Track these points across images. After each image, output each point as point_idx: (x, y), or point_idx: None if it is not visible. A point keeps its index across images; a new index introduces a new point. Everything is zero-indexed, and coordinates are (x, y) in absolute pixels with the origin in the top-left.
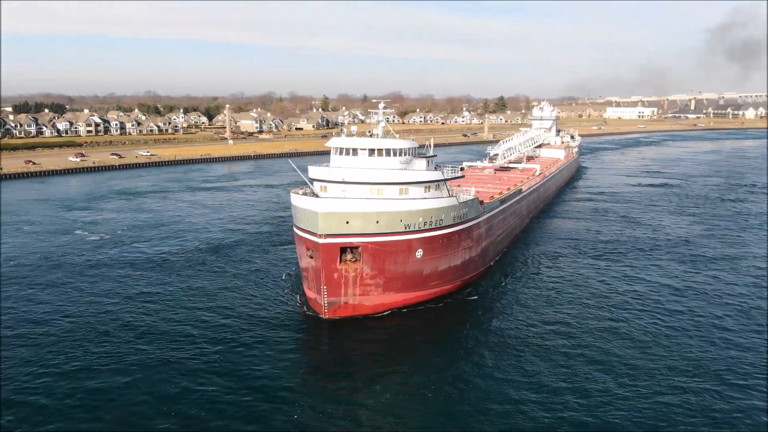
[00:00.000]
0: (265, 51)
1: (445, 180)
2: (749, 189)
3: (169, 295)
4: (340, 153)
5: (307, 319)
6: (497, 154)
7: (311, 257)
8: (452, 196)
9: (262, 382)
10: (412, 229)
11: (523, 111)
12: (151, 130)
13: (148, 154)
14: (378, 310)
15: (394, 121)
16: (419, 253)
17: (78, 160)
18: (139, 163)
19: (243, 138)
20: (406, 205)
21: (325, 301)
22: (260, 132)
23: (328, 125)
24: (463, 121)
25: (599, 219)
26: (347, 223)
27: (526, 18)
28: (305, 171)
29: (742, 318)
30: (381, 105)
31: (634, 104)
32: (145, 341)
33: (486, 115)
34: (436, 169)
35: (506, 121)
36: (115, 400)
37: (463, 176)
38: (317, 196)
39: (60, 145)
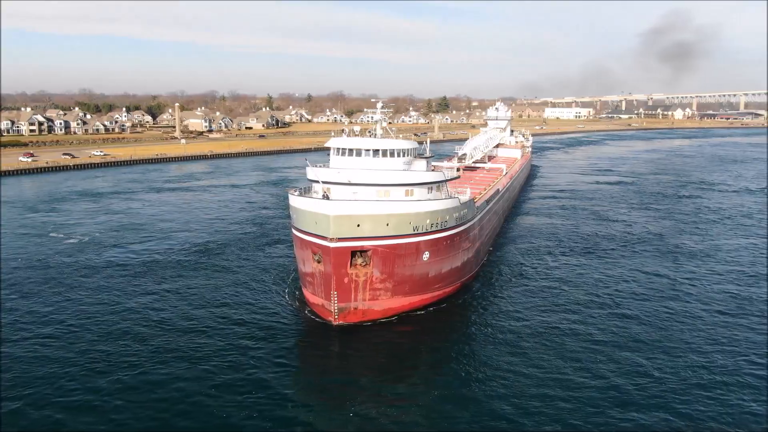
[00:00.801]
0: (201, 49)
1: (446, 181)
2: (698, 186)
3: (171, 300)
4: (342, 153)
5: (317, 327)
6: (465, 154)
7: (319, 262)
8: (454, 197)
9: (292, 397)
10: (419, 231)
11: (468, 111)
12: (97, 130)
13: (102, 154)
14: (387, 314)
15: (341, 120)
16: (426, 256)
17: (29, 160)
18: (94, 164)
19: (193, 137)
20: (414, 207)
21: (336, 307)
22: (210, 131)
23: (277, 124)
24: (410, 121)
25: (571, 216)
26: (358, 226)
27: (465, 19)
28: (269, 171)
29: (745, 304)
30: (379, 105)
31: (569, 105)
32: (156, 350)
33: (431, 115)
34: (434, 169)
35: (452, 121)
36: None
37: (459, 177)
38: (328, 198)
39: (4, 145)
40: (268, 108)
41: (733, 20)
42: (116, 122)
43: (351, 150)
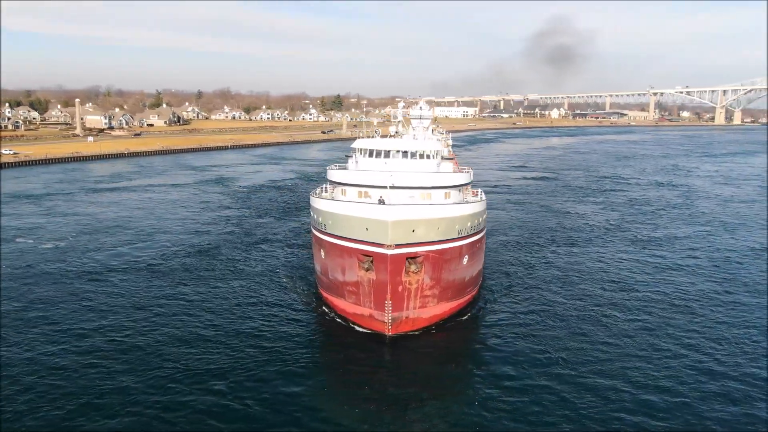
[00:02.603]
0: (65, 41)
1: (471, 183)
2: (615, 180)
3: (190, 307)
4: (374, 155)
5: (368, 338)
6: None
7: (368, 270)
8: (481, 199)
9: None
10: (462, 234)
11: (366, 109)
12: None
13: (12, 153)
14: (432, 321)
15: (240, 117)
16: (465, 260)
17: None
18: (7, 163)
19: (95, 135)
20: (460, 210)
21: (390, 317)
22: (111, 128)
23: (179, 121)
24: (310, 119)
25: (525, 210)
26: (413, 231)
27: (355, 18)
28: (197, 170)
29: (743, 282)
30: (401, 104)
31: (451, 104)
32: (188, 371)
33: (331, 113)
34: (462, 171)
35: (352, 119)
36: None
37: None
38: (383, 202)
39: None
40: (166, 105)
41: (607, 26)
42: (9, 119)
43: (388, 152)
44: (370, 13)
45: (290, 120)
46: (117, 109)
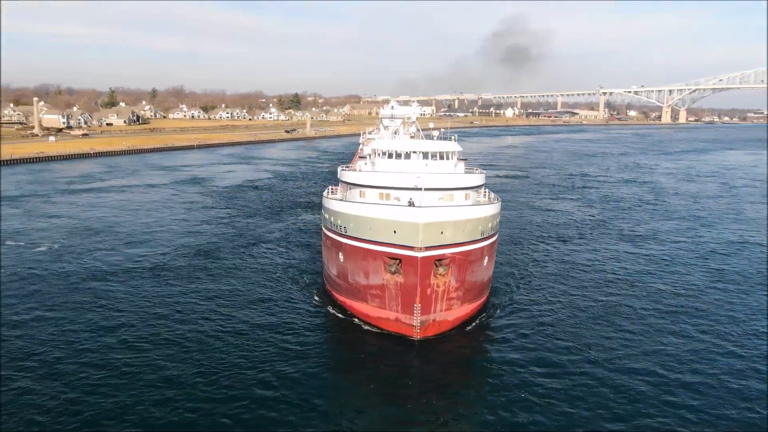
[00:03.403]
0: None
1: (484, 183)
2: (583, 178)
3: (210, 306)
4: (393, 156)
5: (395, 340)
6: None
7: (394, 273)
8: (496, 200)
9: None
10: (484, 235)
11: (326, 108)
12: None
13: None
14: (456, 324)
15: (199, 116)
16: (486, 261)
17: None
18: None
19: (55, 134)
20: (483, 211)
21: (419, 321)
22: (69, 128)
23: (138, 120)
24: (271, 117)
25: (507, 208)
26: (441, 233)
27: (307, 17)
28: (168, 170)
29: (736, 272)
30: (414, 103)
31: (407, 103)
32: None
33: (291, 112)
34: (474, 171)
35: (314, 118)
36: None
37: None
38: (413, 204)
39: None
40: (123, 104)
41: (560, 26)
42: None
43: (408, 153)
44: (322, 12)
45: (250, 119)
46: (75, 108)
